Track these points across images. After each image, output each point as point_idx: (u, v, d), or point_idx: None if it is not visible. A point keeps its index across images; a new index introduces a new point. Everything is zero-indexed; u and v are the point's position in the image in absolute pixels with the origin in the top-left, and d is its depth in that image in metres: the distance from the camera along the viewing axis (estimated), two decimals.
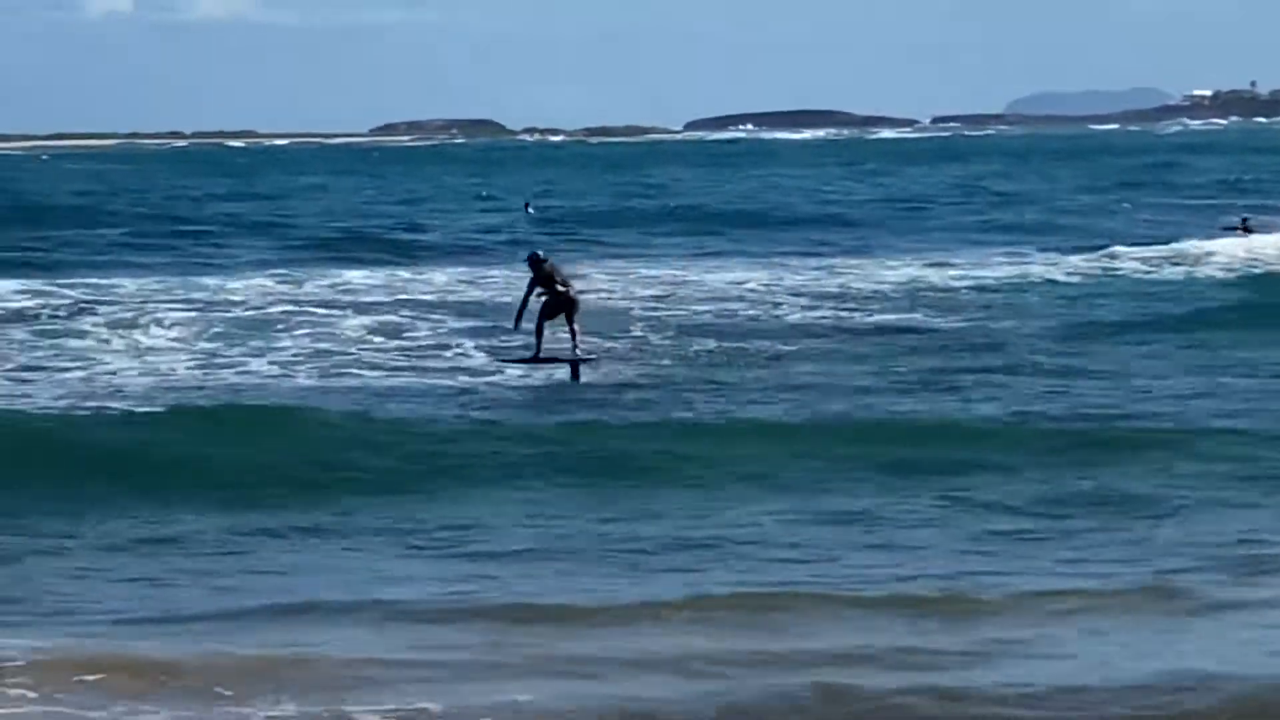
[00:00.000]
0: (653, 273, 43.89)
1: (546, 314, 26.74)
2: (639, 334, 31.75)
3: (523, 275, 28.10)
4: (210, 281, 41.27)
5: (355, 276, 42.68)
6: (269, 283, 40.89)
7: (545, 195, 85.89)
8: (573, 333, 26.75)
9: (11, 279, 40.44)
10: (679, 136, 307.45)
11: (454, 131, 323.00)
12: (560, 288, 26.57)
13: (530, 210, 71.60)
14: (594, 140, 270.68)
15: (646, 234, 59.32)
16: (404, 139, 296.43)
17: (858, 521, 16.98)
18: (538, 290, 26.61)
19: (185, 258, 50.19)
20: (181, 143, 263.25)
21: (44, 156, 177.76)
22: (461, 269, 45.14)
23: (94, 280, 41.21)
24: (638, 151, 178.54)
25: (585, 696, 11.35)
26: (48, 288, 39.00)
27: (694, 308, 36.18)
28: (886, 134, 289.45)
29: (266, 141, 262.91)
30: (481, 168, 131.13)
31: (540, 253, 27.89)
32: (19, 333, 31.89)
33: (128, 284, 40.38)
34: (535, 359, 26.87)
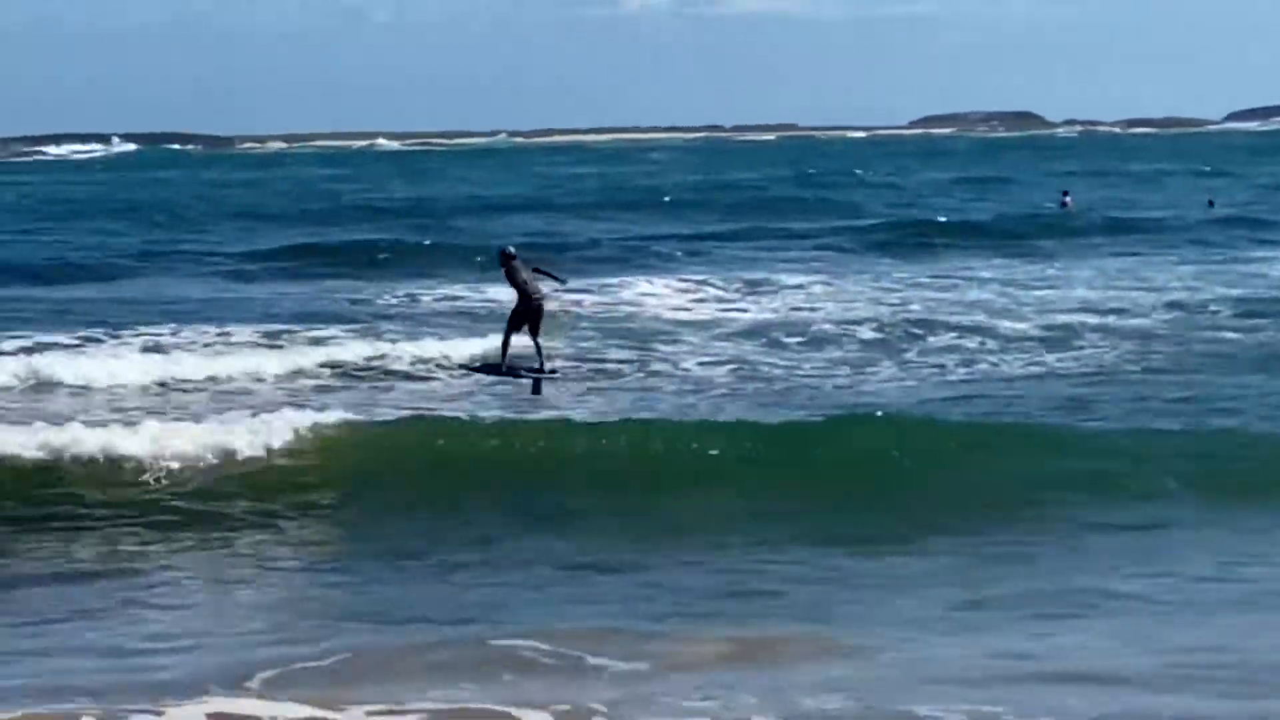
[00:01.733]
0: None
1: (513, 321, 25.43)
2: None
3: None
4: None
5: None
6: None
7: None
8: (537, 347, 25.38)
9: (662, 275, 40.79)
10: (1223, 127, 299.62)
11: (995, 124, 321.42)
12: (529, 295, 25.13)
13: (1217, 204, 66.24)
14: (1138, 131, 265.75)
15: None
16: (944, 131, 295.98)
17: None
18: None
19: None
20: (769, 135, 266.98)
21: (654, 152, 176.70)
22: None
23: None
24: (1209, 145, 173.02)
25: None
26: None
27: None
28: None
29: (849, 134, 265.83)
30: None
31: (511, 248, 26.02)
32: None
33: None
34: (500, 369, 25.53)
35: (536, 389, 24.84)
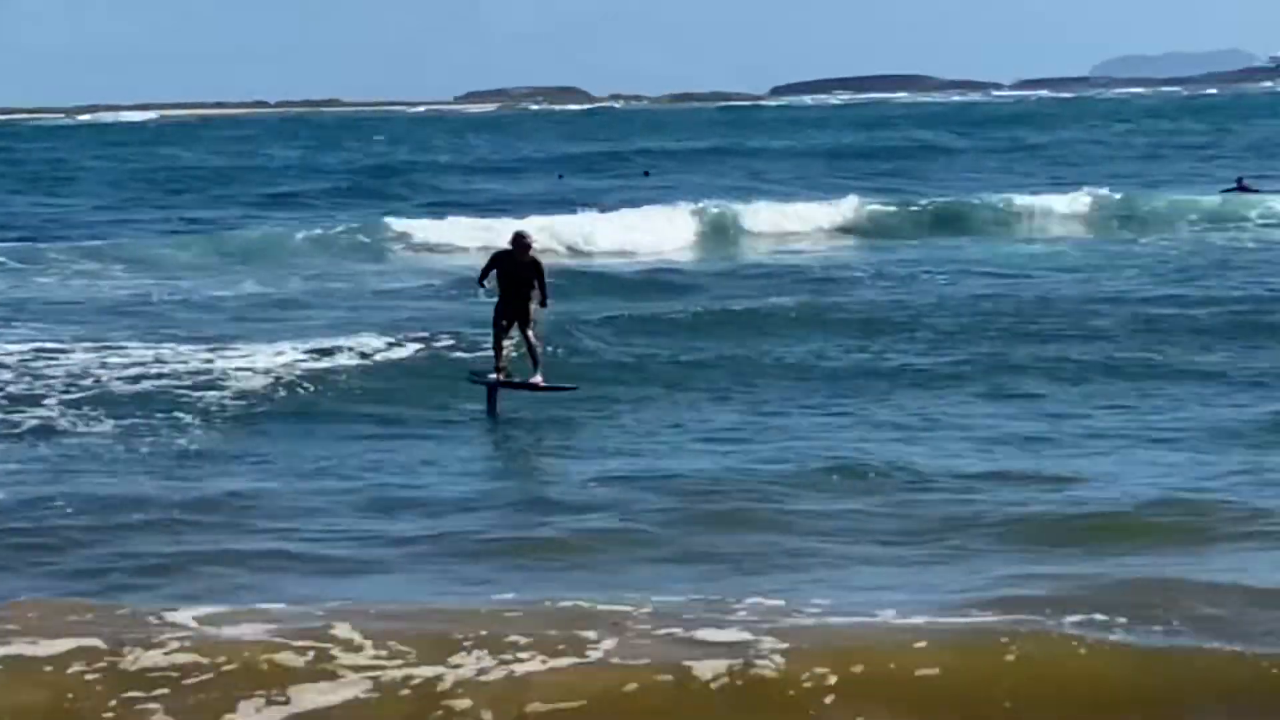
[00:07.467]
0: None
1: (498, 318, 22.26)
2: None
3: None
4: None
5: None
6: None
7: None
8: (531, 349, 22.22)
9: None
10: (771, 102, 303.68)
11: (540, 99, 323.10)
12: (524, 291, 21.96)
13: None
14: (683, 106, 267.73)
15: None
16: (489, 107, 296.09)
17: None
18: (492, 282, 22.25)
19: None
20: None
21: None
22: None
23: None
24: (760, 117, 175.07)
25: None
26: None
27: None
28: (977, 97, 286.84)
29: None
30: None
31: (528, 236, 22.65)
32: None
33: None
34: (499, 382, 22.30)
35: (494, 398, 22.48)
